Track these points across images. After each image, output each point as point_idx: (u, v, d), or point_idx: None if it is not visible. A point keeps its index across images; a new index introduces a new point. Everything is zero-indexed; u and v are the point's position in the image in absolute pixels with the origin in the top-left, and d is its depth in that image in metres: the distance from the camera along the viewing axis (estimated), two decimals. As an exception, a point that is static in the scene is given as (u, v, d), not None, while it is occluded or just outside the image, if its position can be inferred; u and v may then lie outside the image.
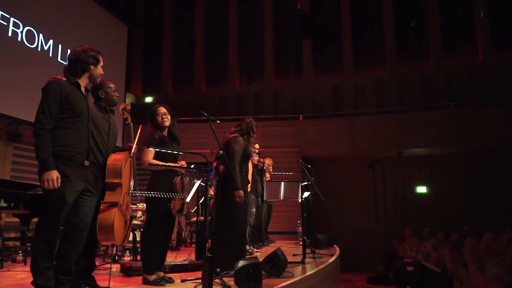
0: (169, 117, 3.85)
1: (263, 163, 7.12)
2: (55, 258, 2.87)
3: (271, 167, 7.42)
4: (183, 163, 3.87)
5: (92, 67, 3.11)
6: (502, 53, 12.32)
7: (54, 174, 2.77)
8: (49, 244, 2.80)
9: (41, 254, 2.79)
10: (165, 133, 3.83)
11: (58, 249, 2.90)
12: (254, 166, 6.64)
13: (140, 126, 3.58)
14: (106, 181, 3.11)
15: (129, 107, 3.65)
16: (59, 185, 2.78)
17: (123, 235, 3.24)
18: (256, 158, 6.71)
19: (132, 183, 3.41)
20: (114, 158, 3.17)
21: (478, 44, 12.66)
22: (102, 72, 3.22)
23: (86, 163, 2.99)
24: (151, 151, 3.67)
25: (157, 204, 3.63)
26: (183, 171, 3.83)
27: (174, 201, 3.67)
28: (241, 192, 4.04)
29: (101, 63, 3.19)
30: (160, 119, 3.80)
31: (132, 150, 3.34)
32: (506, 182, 11.27)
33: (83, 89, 3.12)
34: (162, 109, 3.85)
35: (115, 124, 3.38)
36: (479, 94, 12.20)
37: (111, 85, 3.41)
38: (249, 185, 4.87)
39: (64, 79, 3.01)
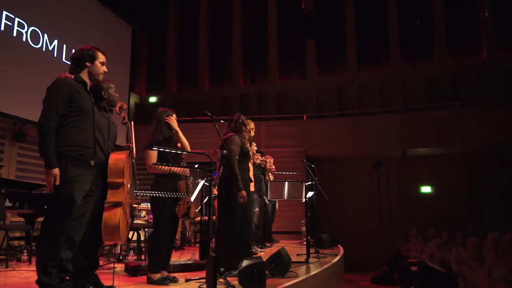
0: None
1: (265, 161, 7.13)
2: None
3: (273, 166, 7.42)
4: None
5: (88, 64, 3.11)
6: (507, 52, 12.27)
7: (55, 171, 2.78)
8: (55, 243, 2.81)
9: (47, 253, 2.80)
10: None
11: None
12: (257, 165, 6.65)
13: (132, 121, 3.56)
14: (108, 180, 3.08)
15: (125, 106, 3.60)
16: (58, 183, 2.79)
17: (126, 234, 3.25)
18: (258, 157, 6.72)
19: (132, 183, 3.39)
20: (115, 158, 3.13)
21: (483, 43, 12.61)
22: (105, 70, 3.21)
23: (92, 162, 3.00)
24: (154, 153, 3.68)
25: (162, 208, 3.65)
26: (187, 174, 3.83)
27: (179, 206, 3.68)
28: (244, 193, 4.03)
29: (100, 60, 3.18)
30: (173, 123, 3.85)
31: (133, 150, 3.33)
32: (510, 182, 11.22)
33: (88, 88, 3.13)
34: (175, 116, 3.91)
35: (115, 123, 3.36)
36: (484, 93, 12.15)
37: (112, 86, 3.38)
38: (252, 184, 4.85)
39: (72, 76, 3.03)
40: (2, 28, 8.15)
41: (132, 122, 3.53)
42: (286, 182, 5.68)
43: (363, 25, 13.75)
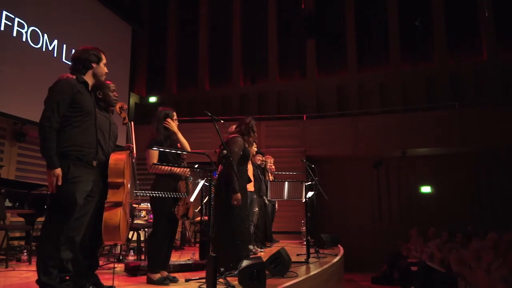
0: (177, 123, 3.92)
1: (265, 162, 7.13)
2: None
3: (273, 166, 7.43)
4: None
5: (94, 65, 3.13)
6: (506, 53, 12.27)
7: (58, 172, 2.79)
8: (56, 243, 2.81)
9: (47, 253, 2.81)
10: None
11: None
12: (257, 165, 6.65)
13: (132, 122, 3.56)
14: (108, 180, 3.08)
15: (126, 106, 3.60)
16: (60, 183, 2.79)
17: (126, 234, 3.25)
18: (259, 158, 6.74)
19: (132, 183, 3.40)
20: (116, 158, 3.12)
21: (483, 43, 12.61)
22: (106, 71, 3.23)
23: (94, 163, 3.01)
24: (155, 153, 3.68)
25: (162, 208, 3.65)
26: (188, 174, 3.83)
27: (178, 207, 3.68)
28: (238, 195, 4.03)
29: (104, 61, 3.20)
30: (176, 122, 3.87)
31: (134, 151, 3.33)
32: (511, 181, 11.22)
33: (90, 88, 3.14)
34: (175, 115, 3.93)
35: (115, 123, 3.37)
36: (483, 93, 12.16)
37: (110, 85, 3.35)
38: (252, 184, 4.85)
39: (73, 77, 3.03)
40: (2, 28, 8.14)
41: (132, 123, 3.53)
42: (286, 182, 5.68)
43: (363, 25, 13.75)
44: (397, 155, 11.91)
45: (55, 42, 9.46)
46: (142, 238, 6.15)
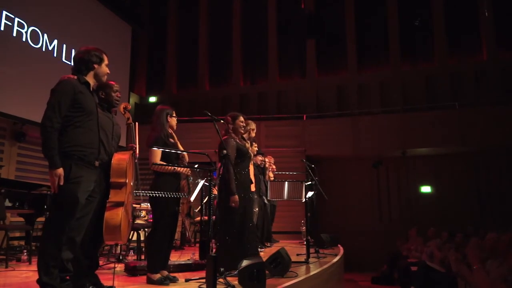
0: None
1: (265, 161, 7.14)
2: None
3: (273, 165, 7.43)
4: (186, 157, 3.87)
5: (96, 66, 3.14)
6: (507, 52, 12.27)
7: (59, 172, 2.80)
8: (57, 243, 2.82)
9: (48, 253, 2.81)
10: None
11: None
12: (257, 165, 6.66)
13: (137, 122, 3.56)
14: (110, 180, 3.08)
15: (130, 106, 3.61)
16: (62, 183, 2.80)
17: (127, 234, 3.25)
18: (259, 158, 6.74)
19: (134, 183, 3.40)
20: (118, 158, 3.13)
21: (483, 43, 12.61)
22: (108, 71, 3.24)
23: (96, 163, 3.01)
24: (159, 151, 3.68)
25: (164, 207, 3.65)
26: (188, 174, 3.82)
27: (183, 205, 3.69)
28: (236, 197, 4.02)
29: (106, 62, 3.21)
30: (175, 121, 3.88)
31: (137, 151, 3.34)
32: (510, 182, 11.22)
33: (91, 89, 3.15)
34: (175, 113, 3.95)
35: (118, 123, 3.37)
36: (483, 93, 12.14)
37: (114, 86, 3.37)
38: (252, 185, 4.85)
39: (75, 77, 3.04)
40: (2, 28, 8.14)
41: (137, 123, 3.54)
42: (286, 182, 5.68)
43: (363, 25, 13.75)
44: (397, 155, 11.91)
45: (55, 42, 9.46)
46: (142, 238, 6.15)
